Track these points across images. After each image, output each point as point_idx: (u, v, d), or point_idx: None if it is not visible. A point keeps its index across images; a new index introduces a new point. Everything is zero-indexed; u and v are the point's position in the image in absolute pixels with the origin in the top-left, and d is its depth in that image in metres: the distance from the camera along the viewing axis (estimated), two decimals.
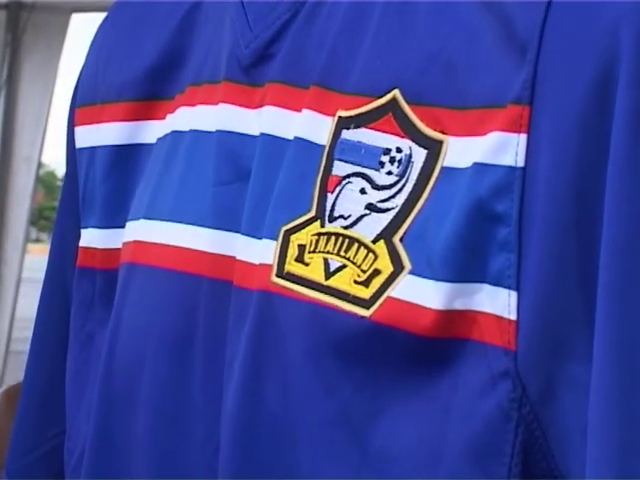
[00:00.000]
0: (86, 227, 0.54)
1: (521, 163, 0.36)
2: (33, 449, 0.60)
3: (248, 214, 0.44)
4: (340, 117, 0.42)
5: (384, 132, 0.41)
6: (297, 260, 0.42)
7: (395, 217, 0.40)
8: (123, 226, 0.52)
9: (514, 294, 0.36)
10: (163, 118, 0.52)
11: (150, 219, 0.49)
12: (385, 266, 0.39)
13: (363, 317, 0.39)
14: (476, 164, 0.36)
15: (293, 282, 0.42)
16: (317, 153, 0.43)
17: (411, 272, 0.38)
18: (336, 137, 0.42)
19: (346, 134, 0.42)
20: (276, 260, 0.42)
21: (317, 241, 0.42)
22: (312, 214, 0.42)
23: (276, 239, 0.42)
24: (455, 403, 0.37)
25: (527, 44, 0.36)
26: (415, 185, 0.39)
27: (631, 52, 0.34)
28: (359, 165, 0.41)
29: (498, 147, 0.36)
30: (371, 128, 0.41)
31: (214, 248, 0.46)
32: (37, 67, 2.38)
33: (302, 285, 0.41)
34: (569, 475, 0.36)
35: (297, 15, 0.46)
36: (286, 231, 0.42)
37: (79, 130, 0.56)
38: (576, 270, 0.35)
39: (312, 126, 0.43)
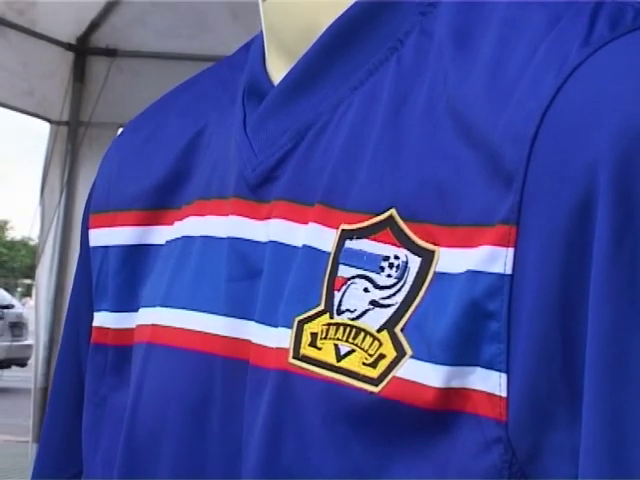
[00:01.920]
0: (99, 310, 0.63)
1: (509, 271, 0.41)
2: None
3: (262, 306, 0.50)
4: (343, 230, 0.48)
5: (383, 243, 0.46)
6: (310, 345, 0.47)
7: (396, 311, 0.45)
8: (132, 310, 0.60)
9: (504, 376, 0.41)
10: (170, 224, 0.60)
11: (166, 307, 0.56)
12: (389, 351, 0.44)
13: (372, 393, 0.44)
14: (470, 271, 0.42)
15: (308, 363, 0.47)
16: (323, 258, 0.48)
17: (412, 356, 0.43)
18: (340, 246, 0.48)
19: (349, 243, 0.48)
20: (292, 345, 0.47)
21: (327, 330, 0.47)
22: (321, 307, 0.47)
23: (291, 327, 0.48)
24: (452, 462, 0.43)
25: (513, 175, 0.42)
26: (412, 286, 0.44)
27: (607, 186, 0.40)
28: (362, 269, 0.47)
29: (490, 258, 0.41)
30: (372, 239, 0.47)
31: (228, 332, 0.52)
32: (91, 172, 2.73)
33: (316, 366, 0.46)
34: None
35: (298, 145, 0.52)
36: (299, 321, 0.48)
37: (93, 232, 0.65)
38: (559, 357, 0.41)
39: (318, 236, 0.49)
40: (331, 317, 0.48)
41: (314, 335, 0.48)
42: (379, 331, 0.46)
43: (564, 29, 0.45)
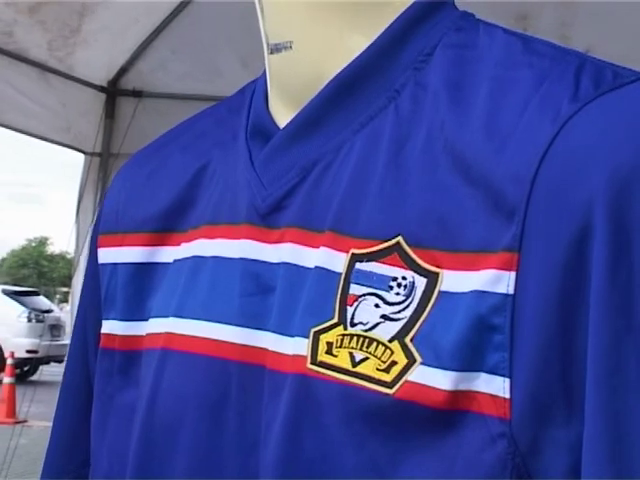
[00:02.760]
0: (107, 319, 0.64)
1: (512, 291, 0.44)
2: (64, 472, 0.69)
3: (278, 318, 0.52)
4: (354, 253, 0.50)
5: (391, 265, 0.48)
6: (327, 353, 0.49)
7: (405, 324, 0.47)
8: (140, 320, 0.62)
9: (507, 380, 0.44)
10: (177, 245, 0.61)
11: (180, 317, 0.57)
12: (401, 359, 0.46)
13: (387, 394, 0.46)
14: (477, 290, 0.44)
15: (325, 368, 0.49)
16: (335, 278, 0.50)
17: (422, 363, 0.45)
18: (351, 267, 0.50)
19: (359, 265, 0.49)
20: (309, 352, 0.49)
21: (342, 340, 0.49)
22: (335, 320, 0.49)
23: (307, 337, 0.50)
24: (460, 455, 0.45)
25: (515, 209, 0.44)
26: (419, 303, 0.47)
27: (603, 220, 0.42)
28: (372, 287, 0.49)
29: (495, 280, 0.44)
30: (380, 262, 0.49)
31: (242, 340, 0.53)
32: None
33: (333, 370, 0.48)
34: None
35: (304, 179, 0.54)
36: (315, 332, 0.49)
37: (102, 250, 0.66)
38: (557, 364, 0.43)
39: (330, 258, 0.51)
40: (345, 329, 0.49)
41: (330, 344, 0.49)
42: (390, 341, 0.48)
43: (552, 87, 0.48)
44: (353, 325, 0.49)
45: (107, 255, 0.66)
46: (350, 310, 0.49)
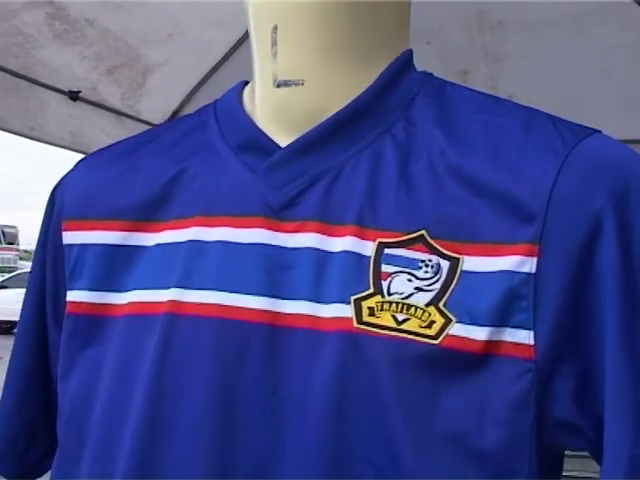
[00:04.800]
0: (72, 289, 0.69)
1: (534, 271, 0.56)
2: (21, 413, 0.75)
3: (308, 288, 0.59)
4: (381, 242, 0.58)
5: (418, 251, 0.58)
6: (370, 315, 0.57)
7: (437, 294, 0.57)
8: (108, 290, 0.67)
9: (532, 332, 0.55)
10: (158, 231, 0.66)
11: (186, 288, 0.62)
12: (438, 319, 0.56)
13: (434, 344, 0.55)
14: (506, 270, 0.56)
15: (371, 327, 0.57)
16: (365, 260, 0.58)
17: (457, 322, 0.56)
18: (379, 252, 0.58)
19: (388, 250, 0.58)
20: (354, 315, 0.57)
21: (382, 305, 0.57)
22: (372, 291, 0.58)
23: (347, 303, 0.58)
24: (491, 388, 0.56)
25: (535, 215, 0.56)
26: (445, 279, 0.57)
27: (609, 221, 0.56)
28: (402, 267, 0.58)
29: (520, 263, 0.56)
30: (408, 249, 0.58)
31: (262, 306, 0.60)
32: None
33: (379, 328, 0.56)
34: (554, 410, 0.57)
35: (314, 184, 0.61)
36: (356, 299, 0.57)
37: (69, 234, 0.71)
38: (569, 321, 0.57)
39: (357, 245, 0.59)
40: (382, 297, 0.57)
41: (371, 309, 0.57)
42: (427, 306, 0.57)
43: (540, 131, 0.61)
44: (390, 294, 0.57)
45: (74, 237, 0.70)
46: (385, 283, 0.57)
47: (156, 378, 0.60)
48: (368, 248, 0.59)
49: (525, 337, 0.57)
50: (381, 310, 0.57)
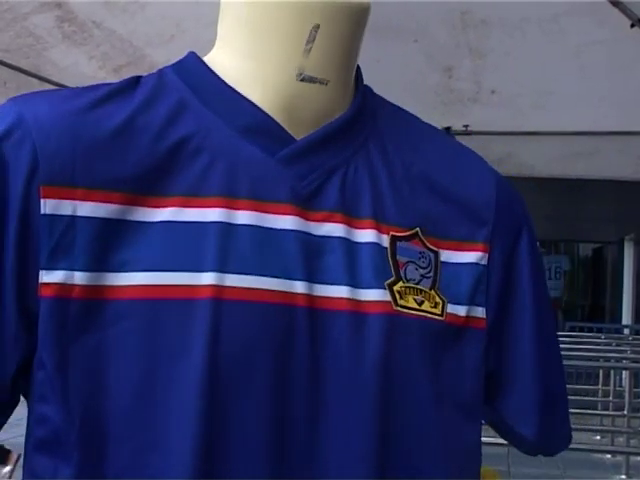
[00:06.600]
0: (55, 269, 0.61)
1: (487, 263, 0.76)
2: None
3: (347, 275, 0.68)
4: (393, 235, 0.71)
5: (417, 245, 0.73)
6: (400, 299, 0.70)
7: (433, 280, 0.73)
8: (106, 271, 0.62)
9: (484, 309, 0.75)
10: (162, 207, 0.64)
11: (226, 272, 0.63)
12: (440, 300, 0.72)
13: (442, 321, 0.71)
14: (474, 262, 0.76)
15: (405, 308, 0.70)
16: (384, 251, 0.70)
17: (449, 302, 0.73)
18: (394, 244, 0.71)
19: (400, 243, 0.71)
20: (391, 299, 0.69)
21: (405, 290, 0.70)
22: (395, 278, 0.70)
23: (384, 289, 0.69)
24: (467, 351, 0.74)
25: (487, 221, 0.77)
26: (434, 268, 0.73)
27: (526, 228, 0.79)
28: (409, 257, 0.72)
29: (481, 257, 0.75)
30: (411, 242, 0.72)
31: (306, 290, 0.66)
32: None
33: (409, 309, 0.70)
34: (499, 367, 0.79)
35: (329, 179, 0.70)
36: (388, 285, 0.69)
37: (50, 201, 0.62)
38: (503, 300, 0.78)
39: (378, 237, 0.70)
40: (404, 283, 0.71)
41: (400, 292, 0.70)
42: (430, 289, 0.73)
43: (471, 153, 0.82)
44: (407, 281, 0.70)
45: (59, 207, 0.62)
46: (402, 271, 0.70)
47: (210, 364, 0.60)
48: (385, 240, 0.71)
49: (482, 312, 0.76)
50: (406, 294, 0.70)
